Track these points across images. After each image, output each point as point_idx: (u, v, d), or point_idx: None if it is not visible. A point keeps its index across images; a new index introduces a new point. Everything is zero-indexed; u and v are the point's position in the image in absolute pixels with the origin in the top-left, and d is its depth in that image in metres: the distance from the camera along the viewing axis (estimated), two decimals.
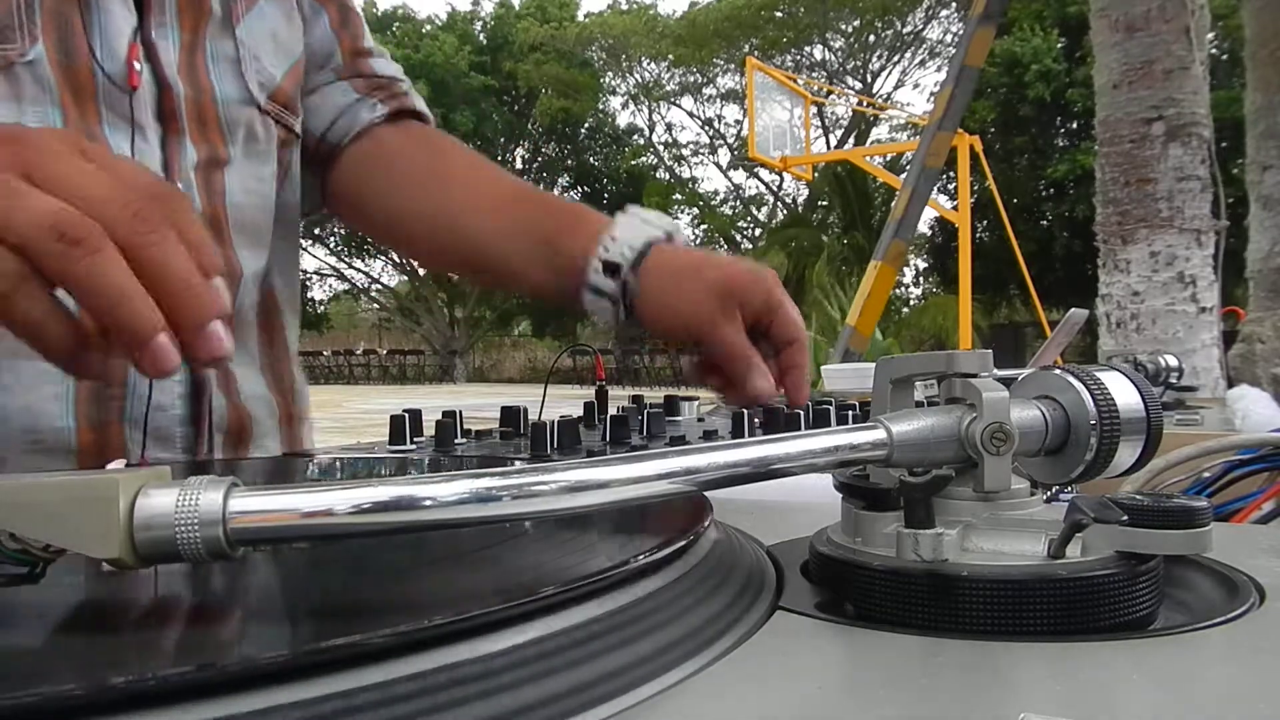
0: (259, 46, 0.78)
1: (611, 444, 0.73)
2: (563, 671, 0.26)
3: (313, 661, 0.23)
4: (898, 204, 5.08)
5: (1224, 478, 0.65)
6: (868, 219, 17.04)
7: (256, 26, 0.79)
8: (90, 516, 0.26)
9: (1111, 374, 0.36)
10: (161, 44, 0.71)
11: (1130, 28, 3.77)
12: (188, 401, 0.73)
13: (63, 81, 0.65)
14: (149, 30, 0.70)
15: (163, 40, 0.71)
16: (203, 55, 0.75)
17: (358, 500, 0.28)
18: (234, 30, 0.77)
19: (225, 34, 0.76)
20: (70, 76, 0.66)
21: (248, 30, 0.78)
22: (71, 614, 0.30)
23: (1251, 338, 3.43)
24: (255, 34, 0.78)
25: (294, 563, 0.36)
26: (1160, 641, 0.31)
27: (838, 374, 1.60)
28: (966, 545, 0.34)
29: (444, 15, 26.72)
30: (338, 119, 0.88)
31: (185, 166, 0.72)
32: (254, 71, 0.78)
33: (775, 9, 21.18)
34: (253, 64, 0.78)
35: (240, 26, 0.77)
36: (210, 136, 0.75)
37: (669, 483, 0.31)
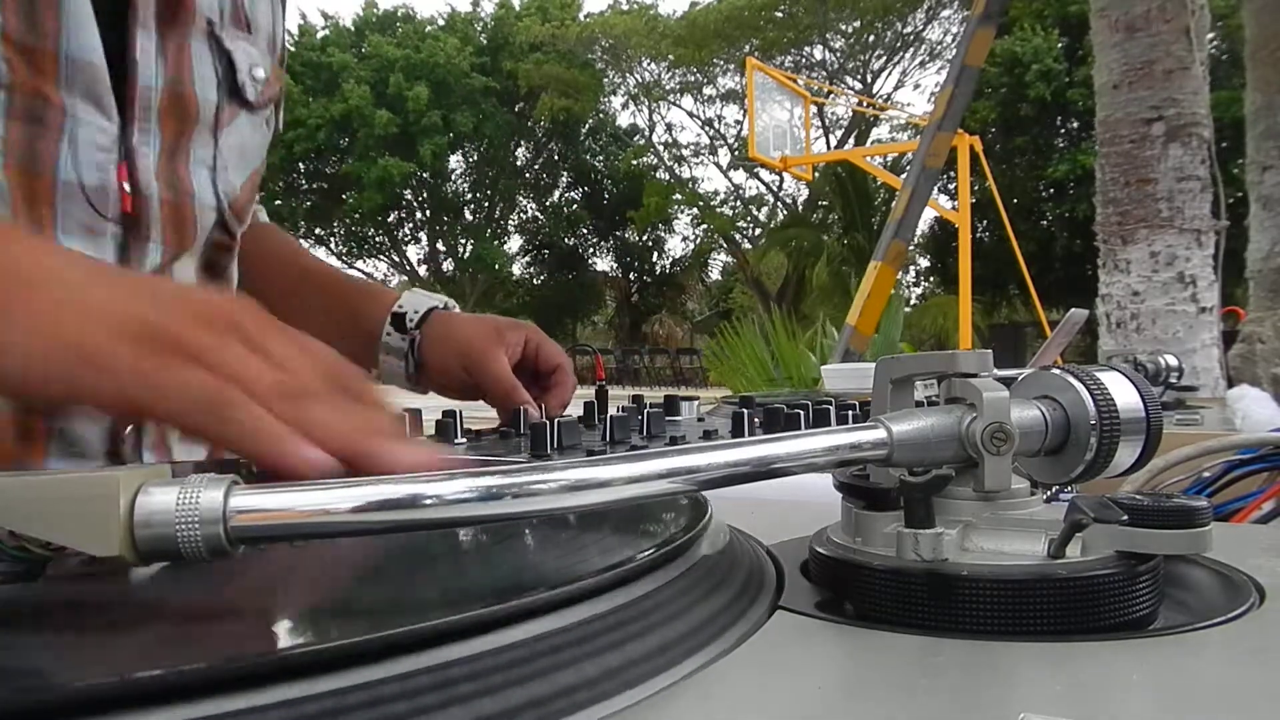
0: (230, 157, 0.78)
1: (611, 444, 0.73)
2: (562, 670, 0.26)
3: (320, 659, 0.23)
4: (898, 204, 5.08)
5: (1224, 478, 0.65)
6: (868, 219, 17.02)
7: (233, 137, 0.78)
8: (90, 514, 0.26)
9: (1111, 374, 0.36)
10: (143, 151, 0.69)
11: (1130, 28, 3.77)
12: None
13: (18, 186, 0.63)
14: (130, 139, 0.68)
15: (143, 146, 0.69)
16: (184, 160, 0.74)
17: (358, 498, 0.28)
18: (216, 139, 0.77)
19: (207, 140, 0.76)
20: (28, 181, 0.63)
21: (225, 140, 0.78)
22: (55, 614, 0.30)
23: (1251, 338, 3.43)
24: (230, 144, 0.78)
25: (294, 562, 0.36)
26: (1160, 641, 0.31)
27: (838, 374, 1.60)
28: (966, 545, 0.34)
29: (445, 15, 26.70)
30: None
31: (145, 269, 0.71)
32: (222, 180, 0.78)
33: (775, 9, 21.16)
34: (223, 173, 0.78)
35: (222, 135, 0.77)
36: (184, 240, 0.74)
37: (669, 482, 0.31)
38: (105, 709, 0.20)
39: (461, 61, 24.42)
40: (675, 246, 28.93)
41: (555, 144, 27.89)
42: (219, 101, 0.76)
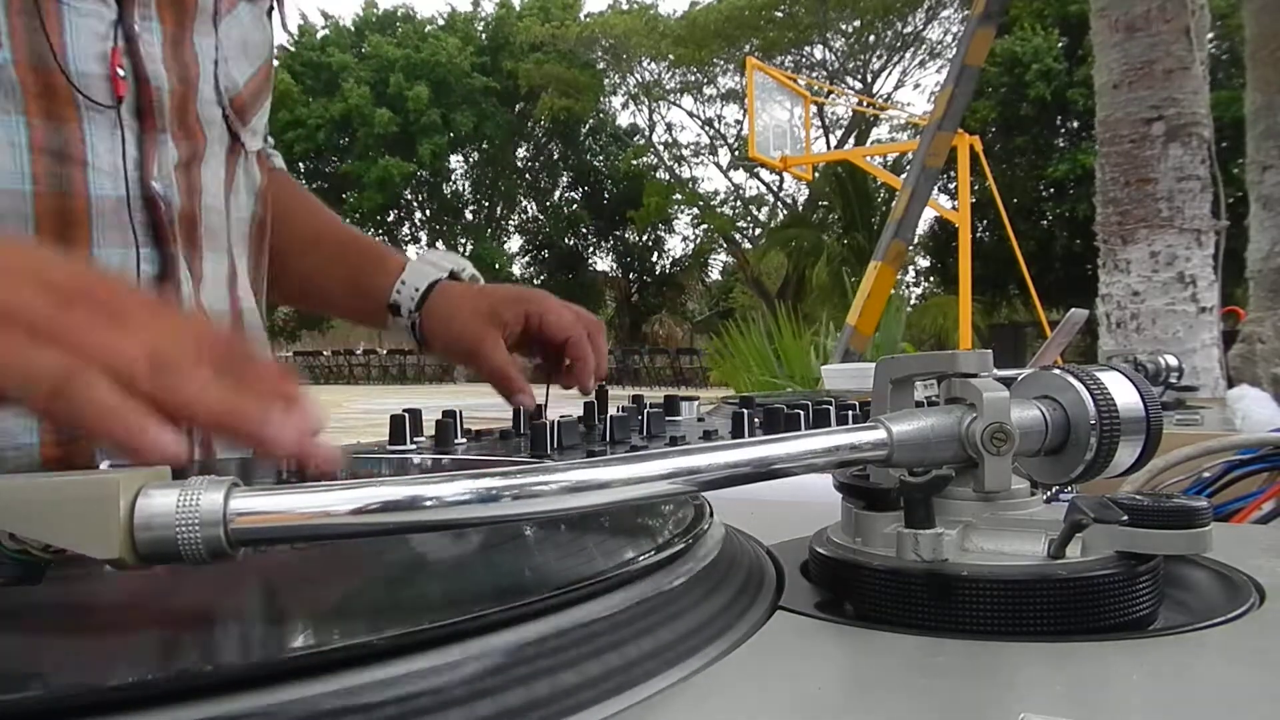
0: (231, 49, 0.77)
1: (611, 444, 0.73)
2: (563, 670, 0.26)
3: (337, 659, 0.23)
4: (898, 204, 5.08)
5: (1224, 478, 0.65)
6: (868, 219, 17.03)
7: (233, 28, 0.77)
8: (90, 516, 0.26)
9: (1111, 374, 0.36)
10: (145, 37, 0.68)
11: (1130, 28, 3.77)
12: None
13: (31, 87, 0.63)
14: (131, 23, 0.68)
15: (146, 34, 0.69)
16: (189, 48, 0.73)
17: (359, 500, 0.28)
18: (216, 28, 0.75)
19: (208, 30, 0.75)
20: (41, 81, 0.63)
21: (225, 30, 0.76)
22: (51, 615, 0.30)
23: (1251, 338, 3.43)
24: (231, 35, 0.77)
25: (293, 563, 0.36)
26: (1160, 641, 0.31)
27: (838, 374, 1.60)
28: (966, 545, 0.34)
29: (445, 15, 26.70)
30: None
31: (166, 164, 0.70)
32: (223, 74, 0.76)
33: (775, 9, 21.15)
34: (224, 65, 0.76)
35: (222, 24, 0.76)
36: (192, 133, 0.73)
37: (669, 483, 0.31)
38: (103, 709, 0.20)
39: (462, 61, 24.43)
40: (675, 246, 28.96)
41: (555, 144, 27.88)
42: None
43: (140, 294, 0.42)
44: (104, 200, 0.67)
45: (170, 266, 0.71)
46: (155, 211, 0.70)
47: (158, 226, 0.70)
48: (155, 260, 0.70)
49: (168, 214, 0.70)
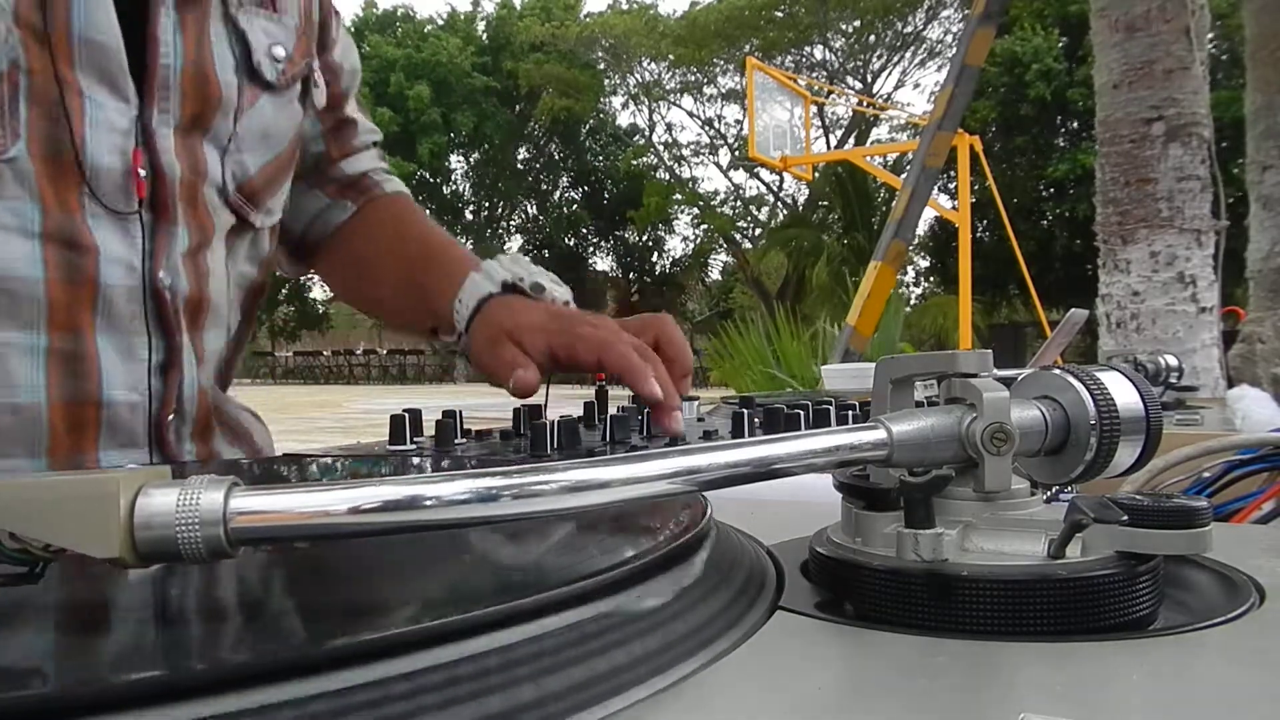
0: (248, 139, 0.78)
1: (612, 444, 0.73)
2: (563, 670, 0.26)
3: (333, 656, 0.23)
4: (898, 204, 5.08)
5: (1224, 478, 0.65)
6: (868, 219, 17.03)
7: (254, 120, 0.77)
8: (90, 516, 0.26)
9: (1111, 374, 0.36)
10: (161, 131, 0.69)
11: (1130, 28, 3.77)
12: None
13: (43, 175, 0.64)
14: (150, 120, 0.68)
15: (163, 129, 0.69)
16: (200, 140, 0.73)
17: (359, 500, 0.28)
18: (235, 123, 0.76)
19: (226, 122, 0.75)
20: (54, 169, 0.64)
21: (245, 123, 0.77)
22: (56, 614, 0.30)
23: (1251, 338, 3.43)
24: (250, 127, 0.77)
25: (293, 563, 0.36)
26: (1160, 641, 0.31)
27: (838, 374, 1.60)
28: (966, 545, 0.34)
29: (444, 15, 26.70)
30: (314, 221, 0.98)
31: (175, 253, 0.71)
32: (233, 162, 0.77)
33: (775, 9, 21.16)
34: (235, 154, 0.77)
35: (241, 120, 0.76)
36: (201, 218, 0.74)
37: (669, 483, 0.30)
38: (102, 709, 0.20)
39: (463, 61, 24.43)
40: (675, 246, 28.97)
41: (555, 144, 27.88)
42: (239, 83, 0.75)
43: None
44: (113, 290, 0.68)
45: (175, 355, 0.73)
46: (161, 302, 0.71)
47: (164, 317, 0.71)
48: (162, 349, 0.72)
49: (173, 304, 0.72)
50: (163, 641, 0.28)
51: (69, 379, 0.67)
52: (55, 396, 0.66)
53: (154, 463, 0.71)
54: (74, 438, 0.67)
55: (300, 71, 0.82)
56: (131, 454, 0.71)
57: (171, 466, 0.29)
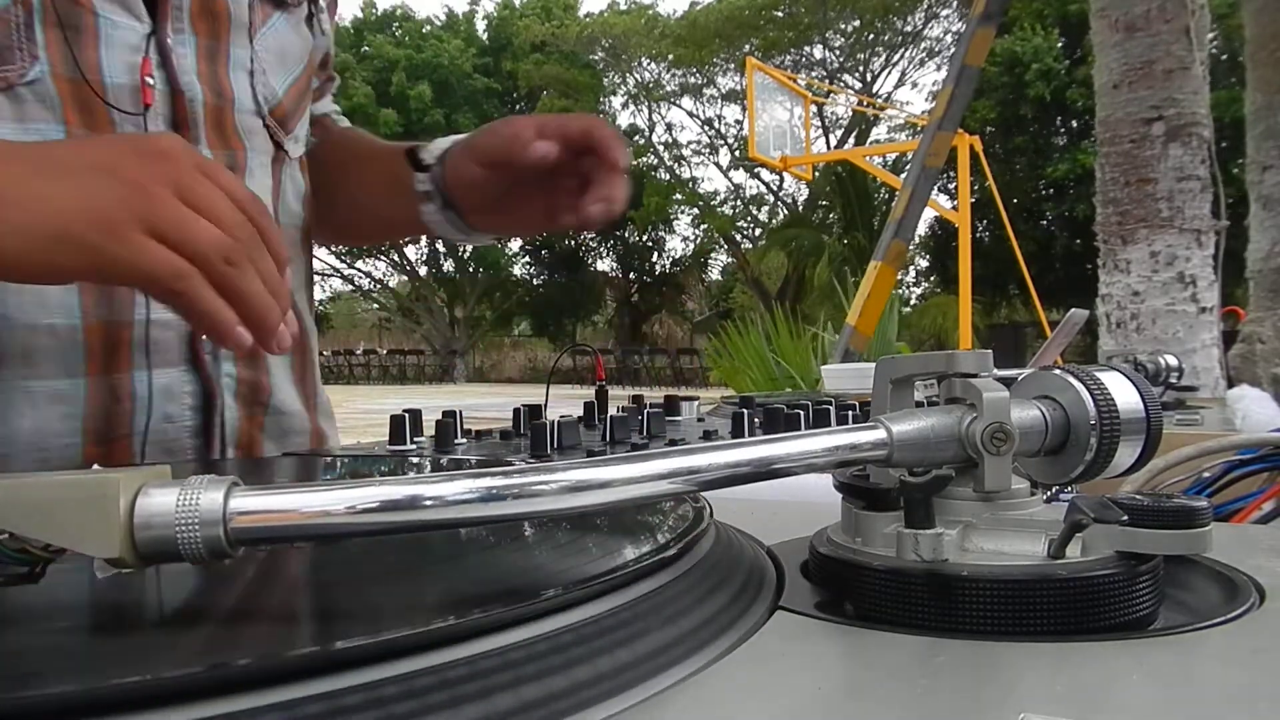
0: (268, 59, 0.78)
1: (611, 444, 0.73)
2: (563, 671, 0.26)
3: (334, 660, 0.23)
4: (898, 204, 5.07)
5: (1224, 478, 0.65)
6: (868, 219, 17.02)
7: (270, 39, 0.78)
8: (90, 516, 0.26)
9: (1111, 374, 0.36)
10: (179, 50, 0.70)
11: (1130, 28, 3.77)
12: (198, 413, 0.73)
13: (69, 98, 0.64)
14: (164, 36, 0.69)
15: (180, 47, 0.70)
16: (225, 61, 0.74)
17: (358, 500, 0.28)
18: (252, 40, 0.76)
19: (244, 42, 0.76)
20: (77, 92, 0.65)
21: (262, 42, 0.77)
22: (58, 614, 0.30)
23: (1251, 338, 3.43)
24: (268, 46, 0.78)
25: (289, 561, 0.36)
26: (1160, 641, 0.31)
27: (838, 374, 1.60)
28: (966, 545, 0.34)
29: (443, 15, 26.72)
30: None
31: None
32: (261, 84, 0.77)
33: (775, 9, 21.15)
34: (261, 76, 0.77)
35: (258, 37, 0.77)
36: (230, 143, 0.74)
37: (669, 483, 0.31)
38: (101, 710, 0.20)
39: (464, 62, 24.43)
40: (675, 246, 28.95)
41: None
42: (251, 2, 0.76)
43: (206, 163, 0.54)
44: None
45: None
46: None
47: None
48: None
49: None
50: (144, 644, 0.28)
51: (104, 300, 0.67)
52: (92, 318, 0.67)
53: (189, 381, 0.72)
54: (110, 358, 0.68)
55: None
56: (167, 372, 0.71)
57: (171, 466, 0.29)
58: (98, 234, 0.49)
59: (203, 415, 0.73)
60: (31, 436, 0.65)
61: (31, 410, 0.65)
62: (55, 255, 0.49)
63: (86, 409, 0.67)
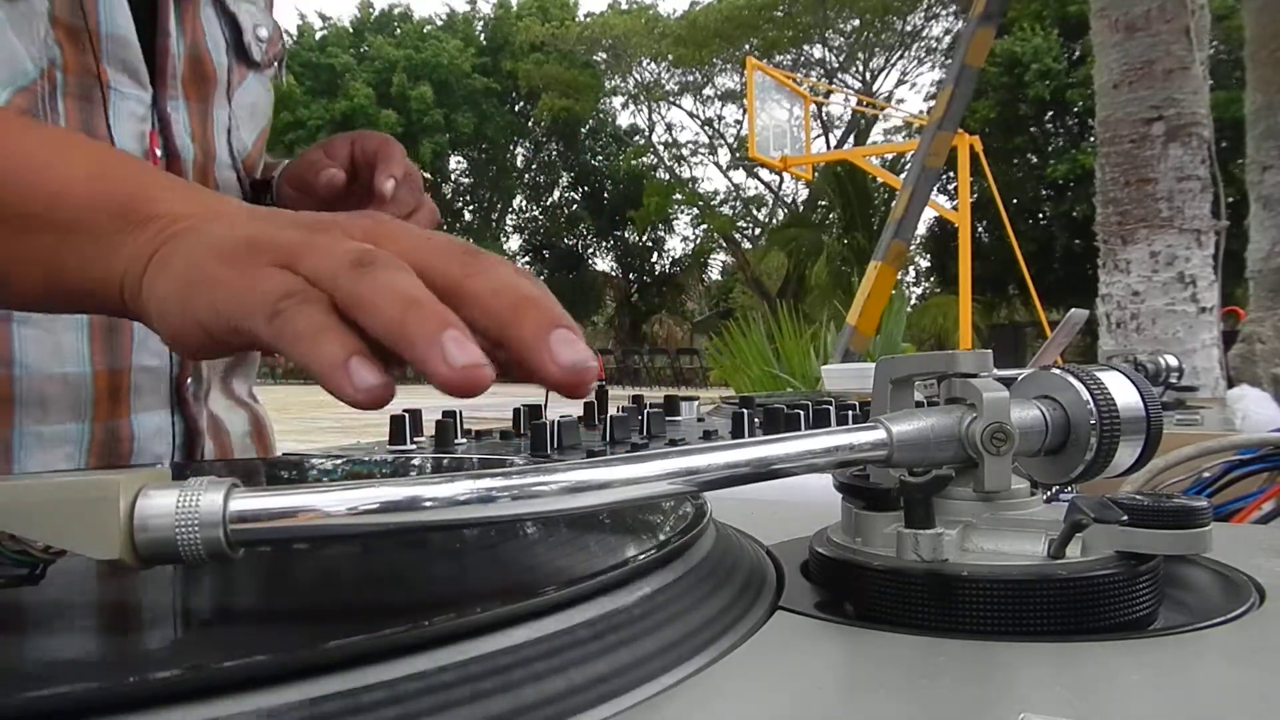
0: (241, 115, 0.81)
1: (611, 444, 0.73)
2: (563, 671, 0.26)
3: (334, 660, 0.23)
4: (898, 204, 5.08)
5: (1224, 478, 0.65)
6: (868, 219, 17.02)
7: (243, 97, 0.82)
8: (90, 517, 0.26)
9: (1111, 374, 0.36)
10: (174, 115, 0.73)
11: (1130, 28, 3.77)
12: (182, 451, 0.76)
13: None
14: (164, 104, 0.72)
15: (174, 112, 0.73)
16: (210, 122, 0.77)
17: (358, 501, 0.28)
18: (230, 100, 0.80)
19: (223, 102, 0.79)
20: None
21: (237, 100, 0.81)
22: (57, 615, 0.30)
23: (1251, 338, 3.43)
24: (242, 104, 0.81)
25: (287, 561, 0.36)
26: (1160, 641, 0.31)
27: (838, 374, 1.60)
28: (966, 545, 0.34)
29: (443, 15, 26.71)
30: None
31: None
32: (235, 139, 0.81)
33: (775, 9, 21.15)
34: (236, 131, 0.81)
35: (234, 98, 0.80)
36: None
37: (669, 483, 0.30)
38: (102, 710, 0.20)
39: (463, 62, 24.43)
40: (675, 246, 28.94)
41: (555, 144, 27.88)
42: (230, 64, 0.79)
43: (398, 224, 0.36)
44: None
45: None
46: None
47: None
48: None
49: None
50: (151, 643, 0.28)
51: (109, 348, 0.70)
52: (99, 365, 0.69)
53: (175, 423, 0.75)
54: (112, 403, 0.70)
55: (278, 51, 0.87)
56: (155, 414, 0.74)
57: (172, 468, 0.29)
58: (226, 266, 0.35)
59: (185, 454, 0.77)
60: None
61: (40, 453, 0.67)
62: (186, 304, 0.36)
63: (89, 451, 0.70)
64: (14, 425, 0.65)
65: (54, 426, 0.67)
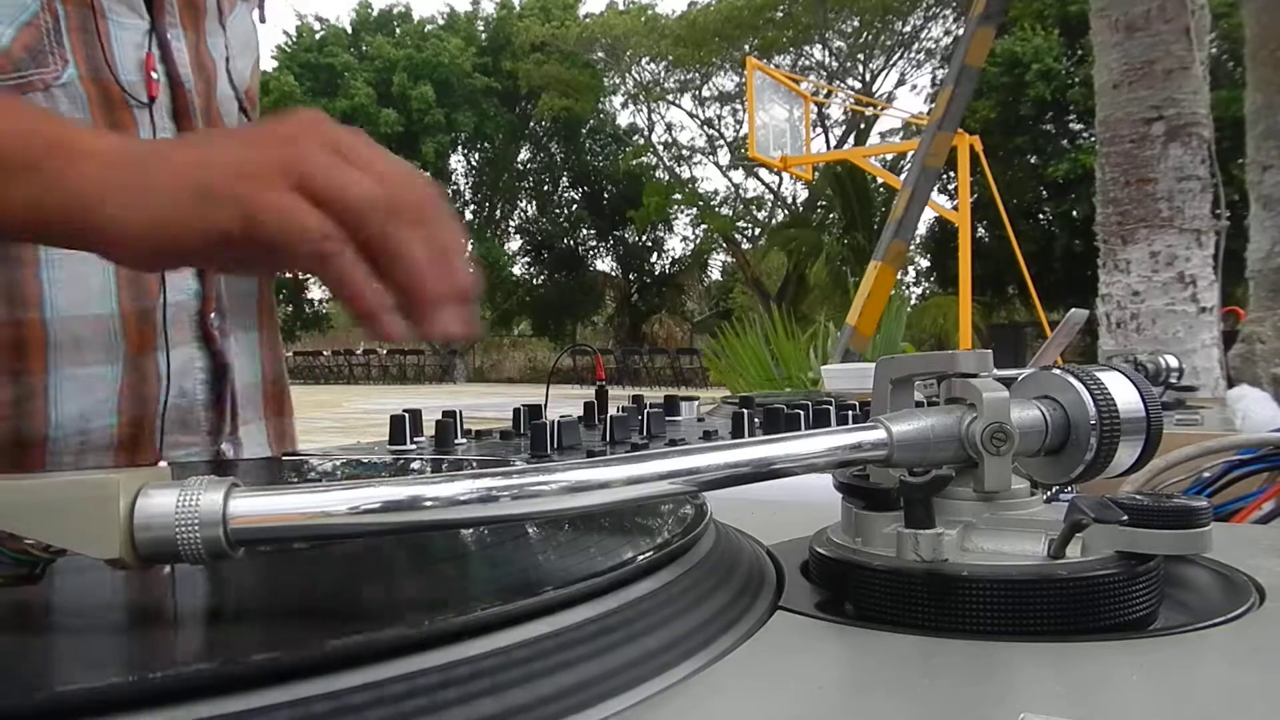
0: (235, 45, 0.81)
1: (611, 444, 0.73)
2: (563, 670, 0.26)
3: (336, 657, 0.23)
4: (898, 204, 5.07)
5: (1224, 478, 0.65)
6: (868, 219, 17.01)
7: (236, 26, 0.81)
8: (90, 516, 0.26)
9: (1111, 374, 0.36)
10: (175, 44, 0.73)
11: (1130, 28, 3.77)
12: (210, 387, 0.77)
13: (94, 97, 0.67)
14: (164, 31, 0.72)
15: (176, 41, 0.73)
16: (205, 49, 0.77)
17: (358, 501, 0.28)
18: (224, 27, 0.79)
19: (217, 30, 0.79)
20: (101, 90, 0.68)
21: (230, 29, 0.81)
22: (51, 614, 0.30)
23: (1251, 338, 3.42)
24: (235, 33, 0.81)
25: (287, 561, 0.36)
26: (1160, 641, 0.31)
27: (838, 374, 1.60)
28: (966, 545, 0.34)
29: (444, 15, 26.70)
30: None
31: None
32: (234, 69, 0.81)
33: (774, 9, 21.15)
34: (234, 61, 0.81)
35: (227, 23, 0.80)
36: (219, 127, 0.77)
37: (669, 483, 0.31)
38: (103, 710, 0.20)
39: (464, 62, 24.43)
40: (675, 246, 28.95)
41: (555, 144, 27.88)
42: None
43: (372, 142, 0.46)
44: None
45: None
46: None
47: None
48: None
49: None
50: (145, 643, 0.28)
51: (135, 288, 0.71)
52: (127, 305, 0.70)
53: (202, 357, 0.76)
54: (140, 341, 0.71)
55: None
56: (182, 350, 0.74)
57: (172, 467, 0.29)
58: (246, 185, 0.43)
59: (215, 389, 0.77)
60: (76, 421, 0.68)
61: (78, 396, 0.68)
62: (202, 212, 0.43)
63: (121, 391, 0.70)
64: (48, 369, 0.67)
65: (89, 369, 0.68)
